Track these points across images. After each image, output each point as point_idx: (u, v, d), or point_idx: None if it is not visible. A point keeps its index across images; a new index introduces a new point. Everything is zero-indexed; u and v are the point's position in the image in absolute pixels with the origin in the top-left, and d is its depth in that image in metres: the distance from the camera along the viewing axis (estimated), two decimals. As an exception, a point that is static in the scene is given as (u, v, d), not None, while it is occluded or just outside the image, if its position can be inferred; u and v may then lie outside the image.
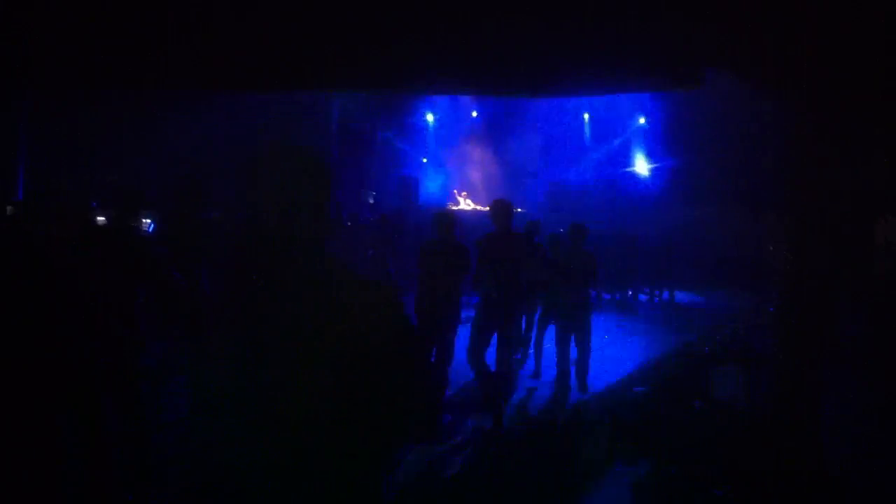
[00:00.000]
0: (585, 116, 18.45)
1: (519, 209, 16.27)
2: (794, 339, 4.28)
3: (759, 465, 4.61)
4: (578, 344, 6.97)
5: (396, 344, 1.76)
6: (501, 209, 6.05)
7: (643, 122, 17.75)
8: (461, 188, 18.47)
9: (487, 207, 7.01)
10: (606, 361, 8.42)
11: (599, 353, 8.56)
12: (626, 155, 18.21)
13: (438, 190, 18.88)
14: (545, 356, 7.86)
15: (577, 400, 6.85)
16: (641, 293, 14.63)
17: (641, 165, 17.97)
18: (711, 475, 4.82)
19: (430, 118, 19.22)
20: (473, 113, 19.02)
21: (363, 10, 4.64)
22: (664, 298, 14.32)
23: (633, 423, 5.57)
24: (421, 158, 19.52)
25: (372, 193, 17.41)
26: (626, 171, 18.10)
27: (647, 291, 14.64)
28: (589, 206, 15.53)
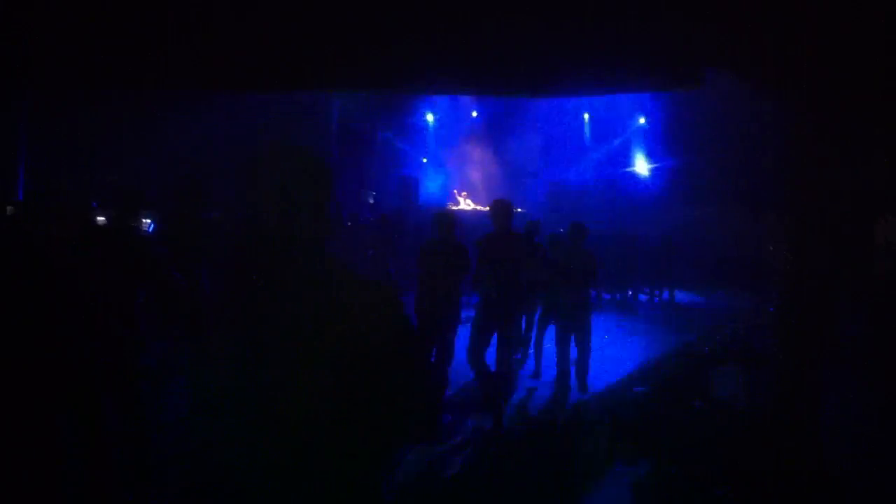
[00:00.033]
0: (585, 116, 18.45)
1: (519, 209, 16.27)
2: (794, 339, 4.28)
3: (759, 464, 4.61)
4: (578, 344, 6.97)
5: (396, 344, 1.76)
6: (501, 209, 6.05)
7: (643, 122, 17.75)
8: (461, 188, 18.47)
9: (487, 207, 7.01)
10: (606, 361, 8.42)
11: (599, 352, 8.56)
12: (626, 155, 18.22)
13: (438, 190, 18.89)
14: (545, 356, 7.87)
15: (577, 400, 6.84)
16: (641, 293, 14.64)
17: (641, 165, 17.97)
18: (711, 475, 4.82)
19: (430, 118, 19.22)
20: (473, 113, 19.02)
21: (363, 9, 4.65)
22: (664, 298, 14.33)
23: (633, 422, 5.57)
24: (421, 158, 19.52)
25: (372, 193, 17.43)
26: (626, 171, 18.11)
27: (647, 291, 14.64)
28: (589, 205, 15.52)
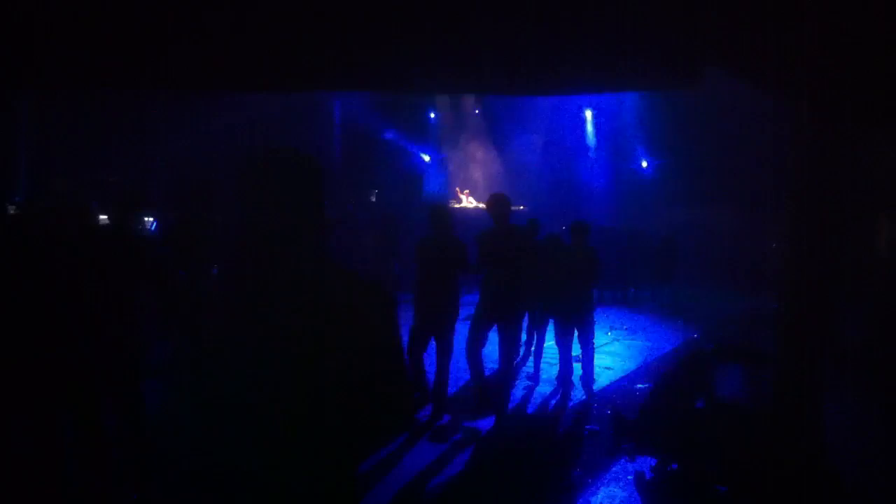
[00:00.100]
0: (587, 114, 18.42)
1: (521, 207, 16.30)
2: (794, 338, 4.27)
3: (761, 463, 4.60)
4: (580, 342, 6.97)
5: (380, 342, 1.78)
6: (498, 203, 6.02)
7: (647, 119, 17.72)
8: (463, 186, 18.47)
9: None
10: (608, 359, 8.43)
11: (601, 350, 8.57)
12: (628, 153, 18.19)
13: (441, 188, 18.88)
14: (546, 354, 7.87)
15: (578, 398, 6.84)
16: (644, 290, 14.62)
17: (643, 163, 17.95)
18: (714, 473, 4.81)
19: (432, 116, 19.22)
20: (475, 111, 19.02)
21: (363, 9, 4.64)
22: (666, 296, 14.30)
23: (634, 420, 5.56)
24: (423, 156, 19.52)
25: (374, 192, 17.42)
26: (627, 168, 18.08)
27: (649, 289, 14.62)
28: (590, 203, 15.51)
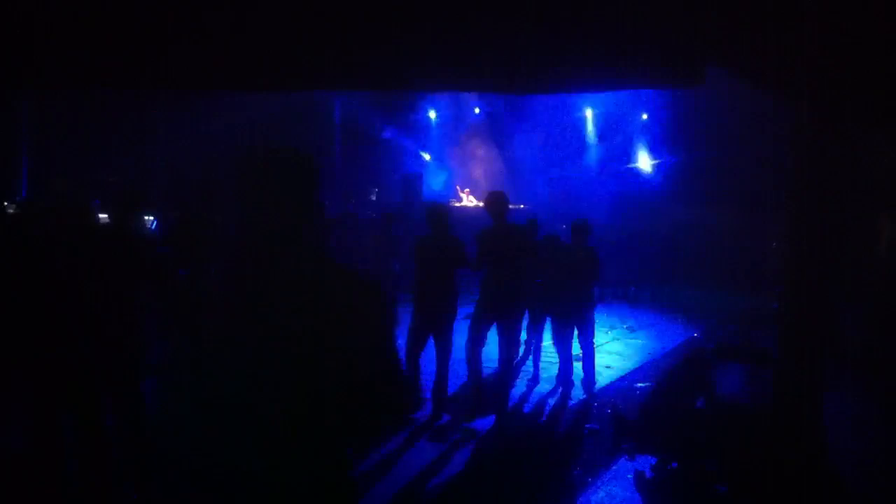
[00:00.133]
0: (588, 112, 18.41)
1: (522, 205, 16.30)
2: (794, 337, 4.27)
3: (761, 462, 4.60)
4: (581, 341, 6.96)
5: (373, 340, 1.79)
6: (495, 201, 6.02)
7: (646, 118, 17.71)
8: (464, 185, 18.46)
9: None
10: (609, 358, 8.43)
11: (602, 349, 8.56)
12: (628, 151, 18.18)
13: (441, 187, 18.88)
14: (546, 353, 7.87)
15: (578, 397, 6.84)
16: (644, 289, 14.61)
17: (644, 162, 17.94)
18: (714, 472, 4.81)
19: (432, 115, 19.20)
20: (476, 110, 19.00)
21: (363, 9, 4.63)
22: (667, 295, 14.29)
23: (635, 419, 5.56)
24: (424, 155, 19.51)
25: (375, 190, 17.42)
26: (628, 167, 18.07)
27: (649, 288, 14.61)
28: (591, 202, 15.50)
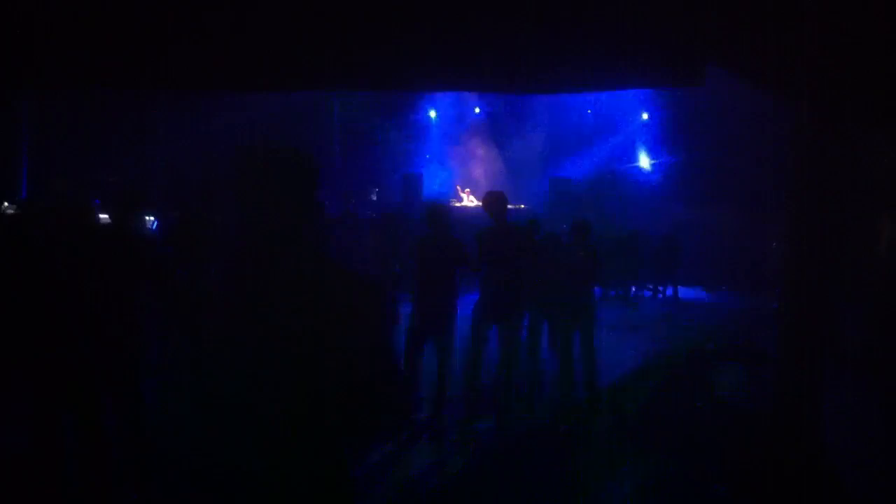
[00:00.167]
0: (588, 112, 18.40)
1: (522, 205, 16.28)
2: (794, 337, 4.27)
3: (761, 462, 4.60)
4: (583, 342, 6.94)
5: (379, 347, 1.79)
6: (495, 201, 6.01)
7: (647, 117, 17.70)
8: (464, 185, 18.44)
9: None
10: (609, 359, 8.41)
11: (602, 350, 8.55)
12: (629, 151, 18.17)
13: (442, 187, 18.85)
14: (547, 355, 7.86)
15: (579, 398, 6.83)
16: (645, 290, 14.61)
17: (645, 161, 17.93)
18: (714, 473, 4.81)
19: (432, 115, 19.18)
20: (476, 109, 18.98)
21: (363, 9, 4.63)
22: (668, 295, 14.29)
23: (635, 420, 5.57)
24: (424, 155, 19.49)
25: (375, 190, 17.40)
26: (629, 166, 18.06)
27: (650, 288, 14.61)
28: (592, 201, 15.49)
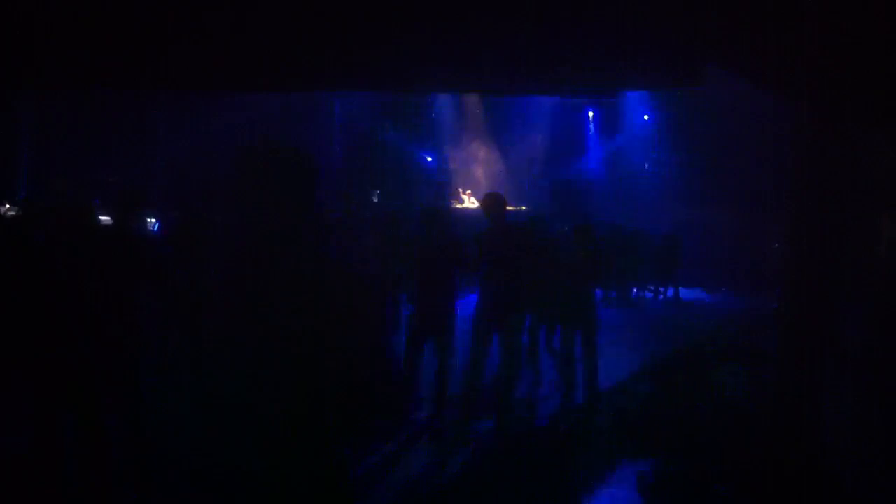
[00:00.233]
0: (589, 113, 18.40)
1: (523, 207, 16.28)
2: (794, 338, 4.26)
3: (761, 462, 4.59)
4: (584, 343, 6.92)
5: (378, 347, 1.79)
6: (493, 202, 6.01)
7: (647, 118, 17.69)
8: (465, 186, 18.43)
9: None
10: (610, 360, 8.40)
11: (603, 351, 8.54)
12: (630, 152, 18.16)
13: (443, 188, 18.84)
14: (548, 355, 7.85)
15: (579, 399, 6.81)
16: (646, 291, 14.59)
17: (646, 162, 17.93)
18: (715, 473, 4.80)
19: (433, 116, 19.18)
20: (477, 111, 18.98)
21: (363, 9, 4.64)
22: (669, 296, 14.27)
23: (636, 420, 5.56)
24: (425, 156, 19.49)
25: (375, 192, 17.39)
26: (630, 167, 18.05)
27: (651, 289, 14.59)
28: (593, 203, 15.49)
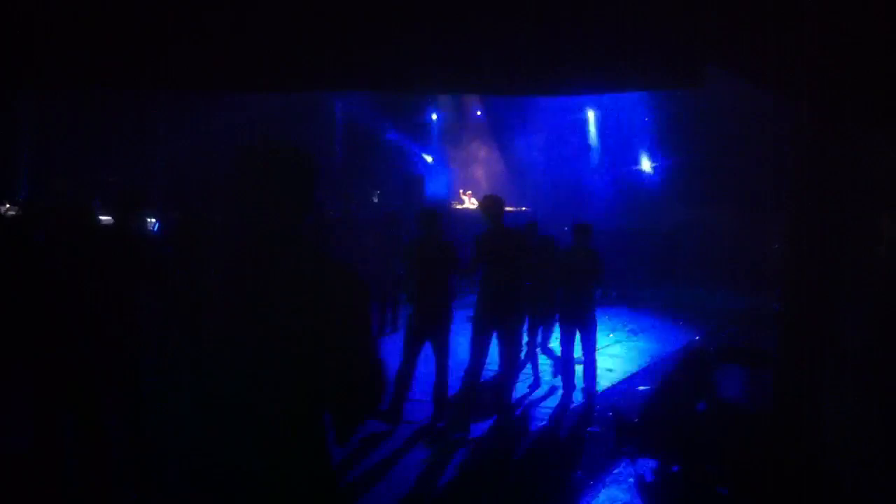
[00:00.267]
0: (590, 114, 18.39)
1: (524, 208, 16.28)
2: (794, 338, 4.26)
3: (762, 464, 4.59)
4: (583, 343, 6.93)
5: (377, 347, 1.80)
6: (492, 205, 6.01)
7: (648, 119, 17.68)
8: (466, 187, 18.44)
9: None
10: (610, 361, 8.41)
11: (603, 352, 8.55)
12: (630, 153, 18.15)
13: (443, 189, 18.85)
14: (548, 355, 7.85)
15: (579, 400, 6.82)
16: (645, 291, 14.58)
17: (646, 163, 17.92)
18: (715, 474, 4.80)
19: (434, 117, 19.19)
20: (478, 112, 19.00)
21: (363, 9, 4.63)
22: (668, 296, 14.26)
23: (636, 422, 5.55)
24: (426, 157, 19.50)
25: (376, 192, 17.39)
26: (630, 168, 18.04)
27: (650, 289, 14.58)
28: (593, 203, 15.49)
